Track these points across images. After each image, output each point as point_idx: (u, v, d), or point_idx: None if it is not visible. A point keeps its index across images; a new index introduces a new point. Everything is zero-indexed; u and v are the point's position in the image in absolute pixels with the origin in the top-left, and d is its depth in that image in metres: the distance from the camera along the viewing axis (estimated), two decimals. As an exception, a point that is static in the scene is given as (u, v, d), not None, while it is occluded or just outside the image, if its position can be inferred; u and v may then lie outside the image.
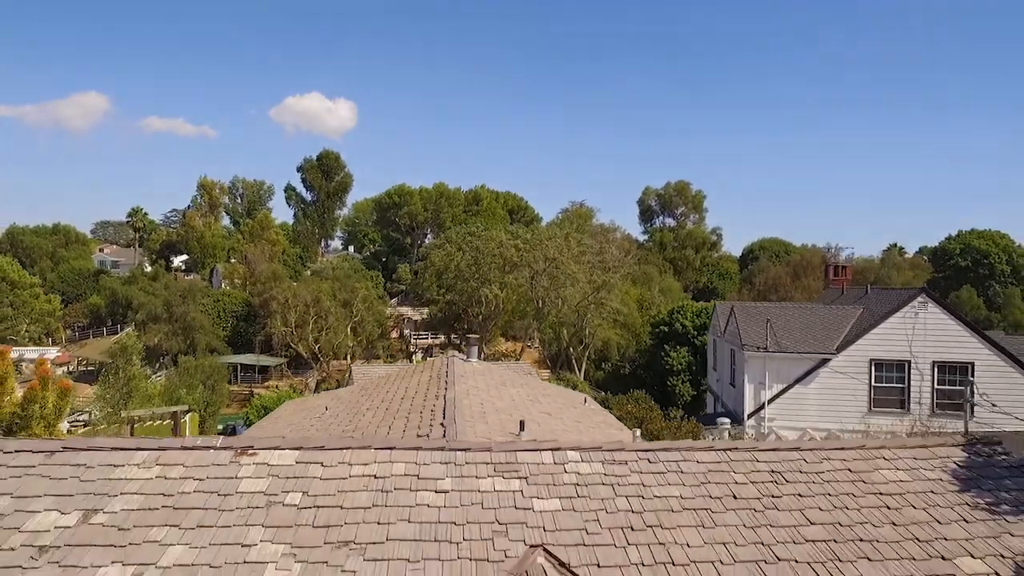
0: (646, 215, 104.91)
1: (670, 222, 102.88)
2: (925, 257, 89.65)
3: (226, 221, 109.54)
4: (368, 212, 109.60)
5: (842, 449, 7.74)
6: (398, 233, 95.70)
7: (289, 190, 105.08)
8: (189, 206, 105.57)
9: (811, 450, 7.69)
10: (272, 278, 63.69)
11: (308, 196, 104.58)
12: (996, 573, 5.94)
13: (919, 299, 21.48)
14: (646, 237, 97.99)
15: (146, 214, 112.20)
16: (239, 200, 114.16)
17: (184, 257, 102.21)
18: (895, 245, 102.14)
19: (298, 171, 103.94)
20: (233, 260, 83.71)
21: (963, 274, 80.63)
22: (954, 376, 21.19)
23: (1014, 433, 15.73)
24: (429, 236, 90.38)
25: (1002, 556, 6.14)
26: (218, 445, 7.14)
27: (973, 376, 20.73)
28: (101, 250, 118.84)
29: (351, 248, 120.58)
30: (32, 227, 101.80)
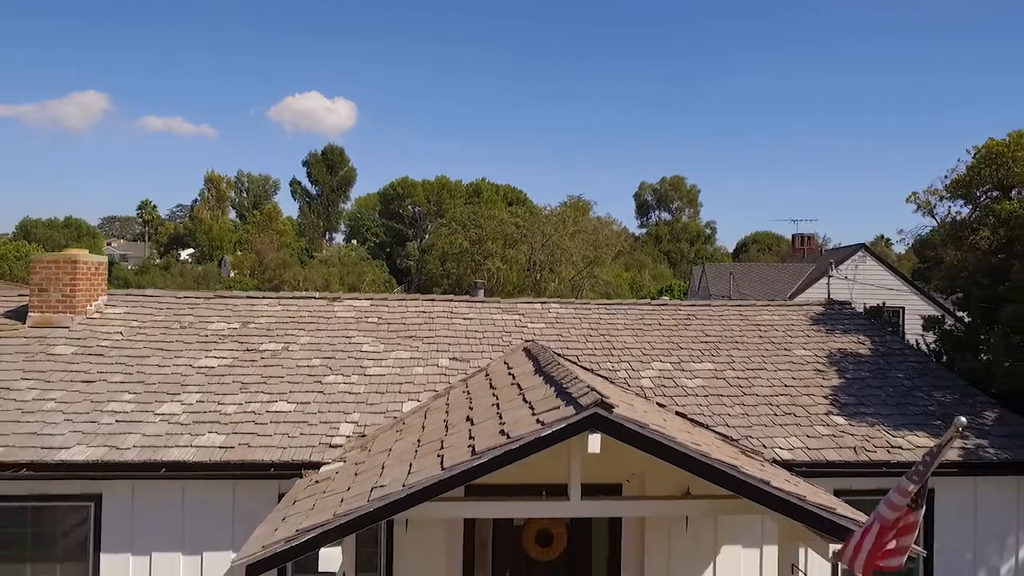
0: (642, 210, 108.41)
1: (666, 216, 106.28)
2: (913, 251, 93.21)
3: (231, 215, 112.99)
4: (372, 206, 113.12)
5: (740, 306, 11.27)
6: (401, 224, 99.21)
7: (294, 184, 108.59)
8: (196, 200, 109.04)
9: (719, 305, 11.22)
10: (282, 265, 67.19)
11: (313, 190, 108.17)
12: (816, 355, 9.47)
13: (859, 253, 24.99)
14: (643, 231, 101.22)
15: (155, 207, 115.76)
16: (245, 194, 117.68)
17: (191, 250, 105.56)
18: (882, 237, 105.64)
19: (303, 165, 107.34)
20: (239, 252, 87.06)
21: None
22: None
23: None
24: (431, 229, 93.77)
25: (822, 349, 9.68)
26: (317, 296, 10.66)
27: (903, 319, 24.25)
28: (109, 244, 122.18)
29: (354, 241, 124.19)
30: (45, 220, 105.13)
